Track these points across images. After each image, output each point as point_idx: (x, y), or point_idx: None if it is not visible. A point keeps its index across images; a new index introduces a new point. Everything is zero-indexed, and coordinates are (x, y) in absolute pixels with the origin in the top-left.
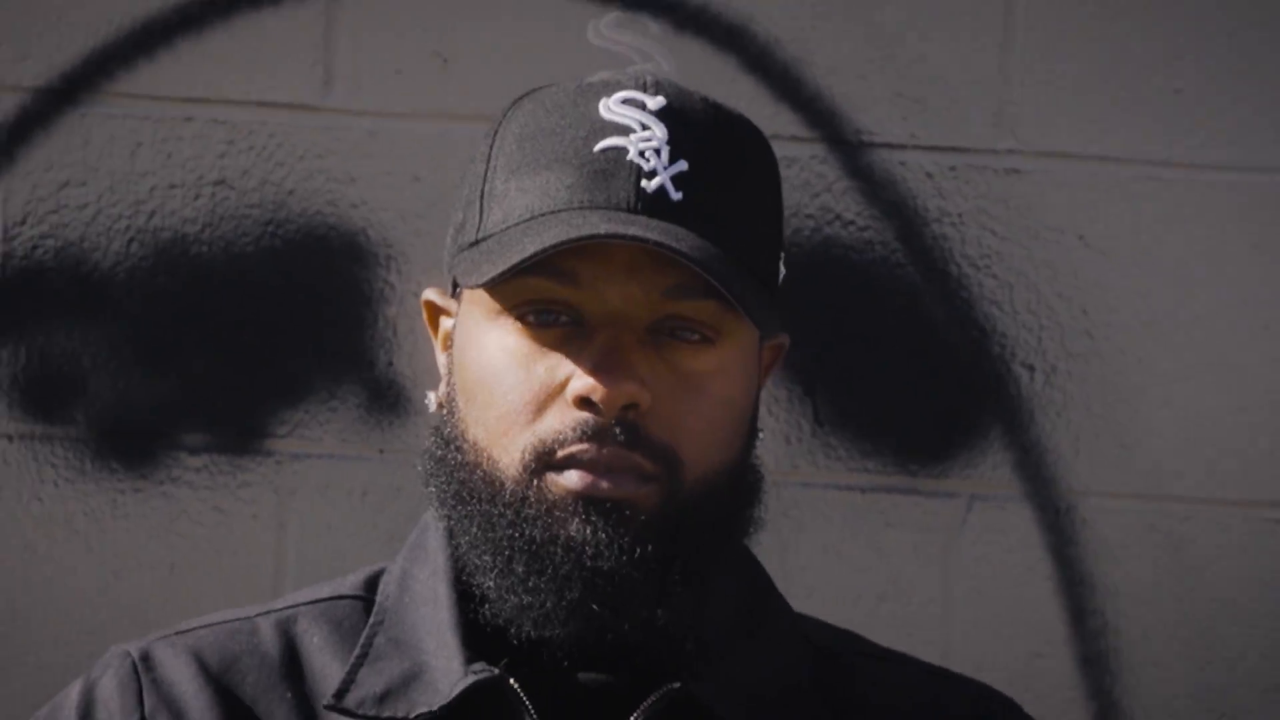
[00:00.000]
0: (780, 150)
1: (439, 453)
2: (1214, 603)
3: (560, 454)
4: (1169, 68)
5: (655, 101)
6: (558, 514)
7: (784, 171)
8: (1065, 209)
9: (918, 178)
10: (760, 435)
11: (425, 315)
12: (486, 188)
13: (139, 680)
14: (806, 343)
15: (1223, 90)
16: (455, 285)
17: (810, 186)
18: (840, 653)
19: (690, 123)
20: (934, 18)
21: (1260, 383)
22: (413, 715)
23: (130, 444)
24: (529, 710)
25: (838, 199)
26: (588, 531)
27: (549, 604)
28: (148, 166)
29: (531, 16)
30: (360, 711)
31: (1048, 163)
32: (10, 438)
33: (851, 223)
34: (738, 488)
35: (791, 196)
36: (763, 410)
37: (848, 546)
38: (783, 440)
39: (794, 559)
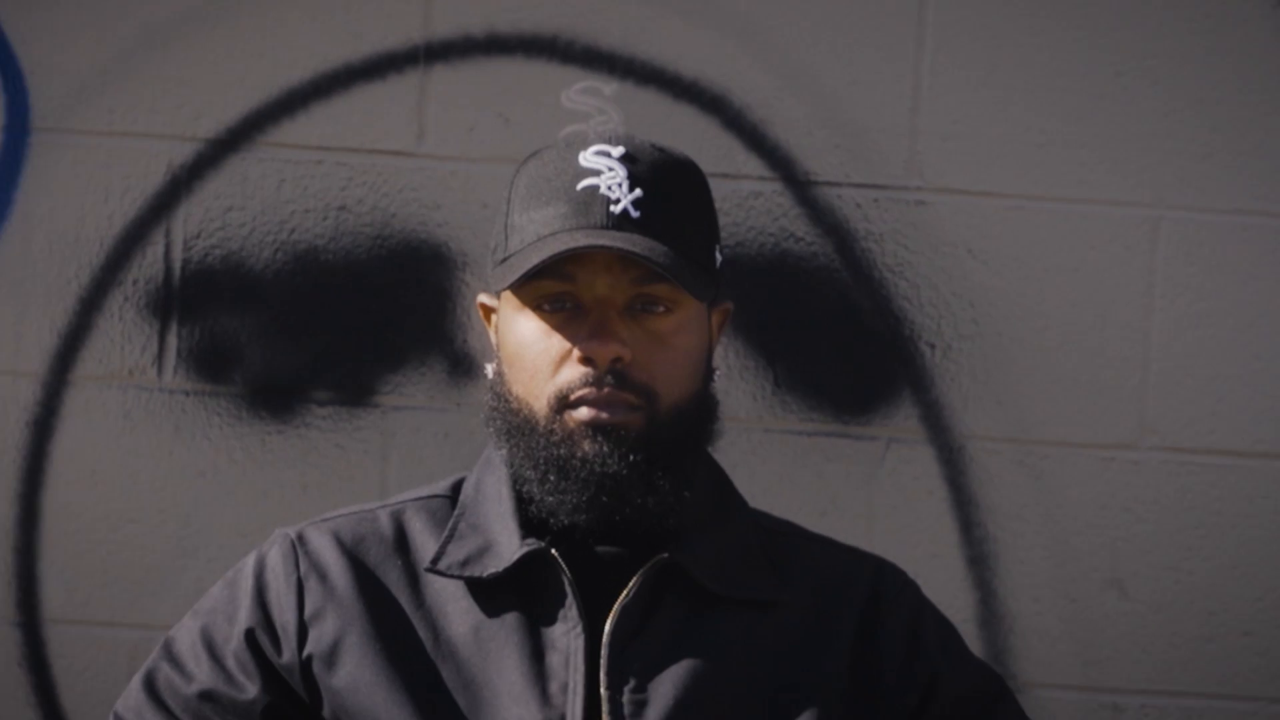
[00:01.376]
0: (749, 186)
1: (494, 404)
2: (1067, 517)
3: (572, 397)
4: (1031, 124)
5: (617, 150)
6: (575, 438)
7: (751, 202)
8: (957, 230)
9: (850, 207)
10: (717, 372)
11: (480, 313)
12: (508, 221)
13: (296, 552)
14: (768, 327)
15: (1072, 139)
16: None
17: (771, 213)
18: (782, 533)
19: (641, 162)
20: (863, 90)
21: (1102, 355)
22: (484, 574)
23: (274, 399)
24: (565, 571)
25: (791, 222)
26: (596, 449)
27: (574, 500)
28: (288, 196)
29: (564, 88)
30: (449, 572)
31: (944, 196)
32: (188, 393)
33: (801, 239)
34: (699, 410)
35: (757, 221)
36: (735, 375)
37: (798, 476)
38: (750, 398)
39: (759, 485)
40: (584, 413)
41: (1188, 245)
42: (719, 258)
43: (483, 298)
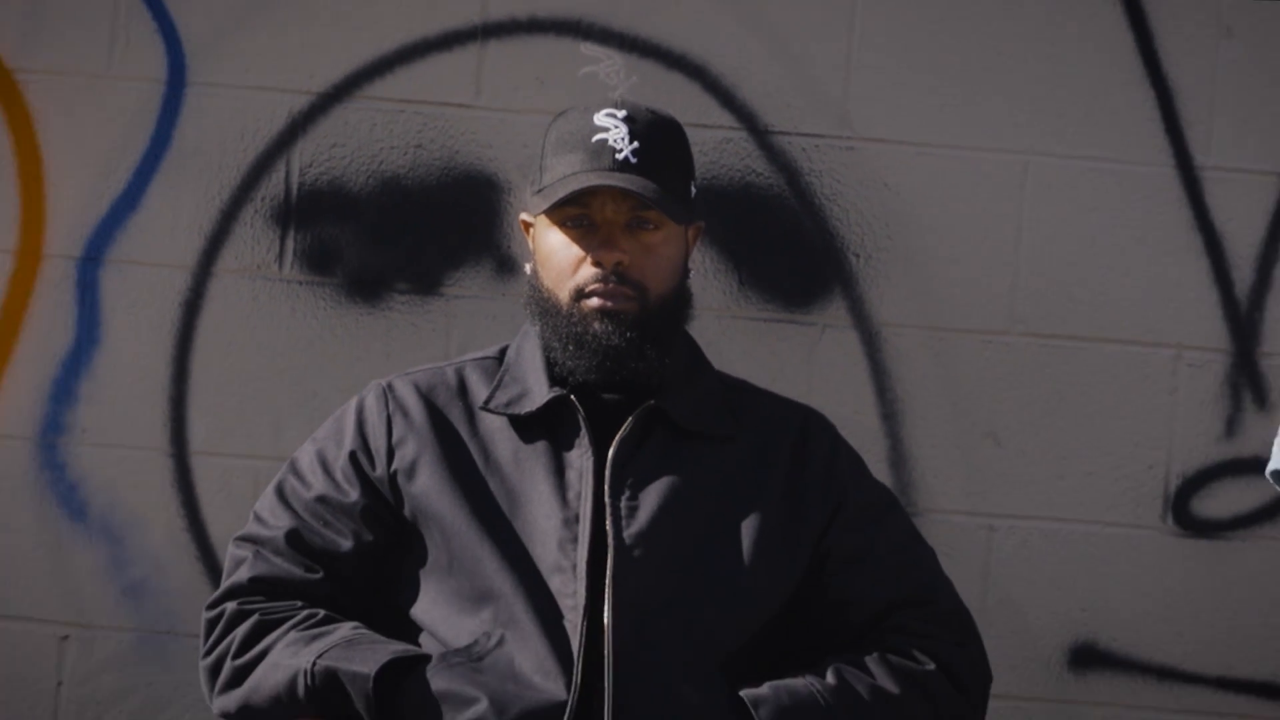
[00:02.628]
0: (722, 134)
1: (530, 293)
2: (956, 386)
3: (587, 289)
4: (933, 89)
5: (621, 114)
6: (588, 320)
7: (724, 147)
8: (877, 168)
9: (796, 150)
10: (691, 272)
11: (521, 227)
12: (542, 162)
13: (386, 396)
14: (735, 241)
15: (963, 100)
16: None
17: (739, 155)
18: (738, 388)
19: (639, 122)
20: (808, 63)
21: (983, 264)
22: (522, 412)
23: (365, 289)
24: (580, 412)
25: (754, 162)
26: (603, 327)
27: (587, 364)
28: (378, 137)
29: (586, 62)
30: (496, 410)
31: (868, 143)
32: (301, 284)
33: (761, 175)
34: (678, 300)
35: (727, 161)
36: (710, 277)
37: (756, 351)
38: (721, 294)
39: (727, 357)
40: (594, 302)
41: (1048, 182)
42: (694, 190)
43: (523, 216)
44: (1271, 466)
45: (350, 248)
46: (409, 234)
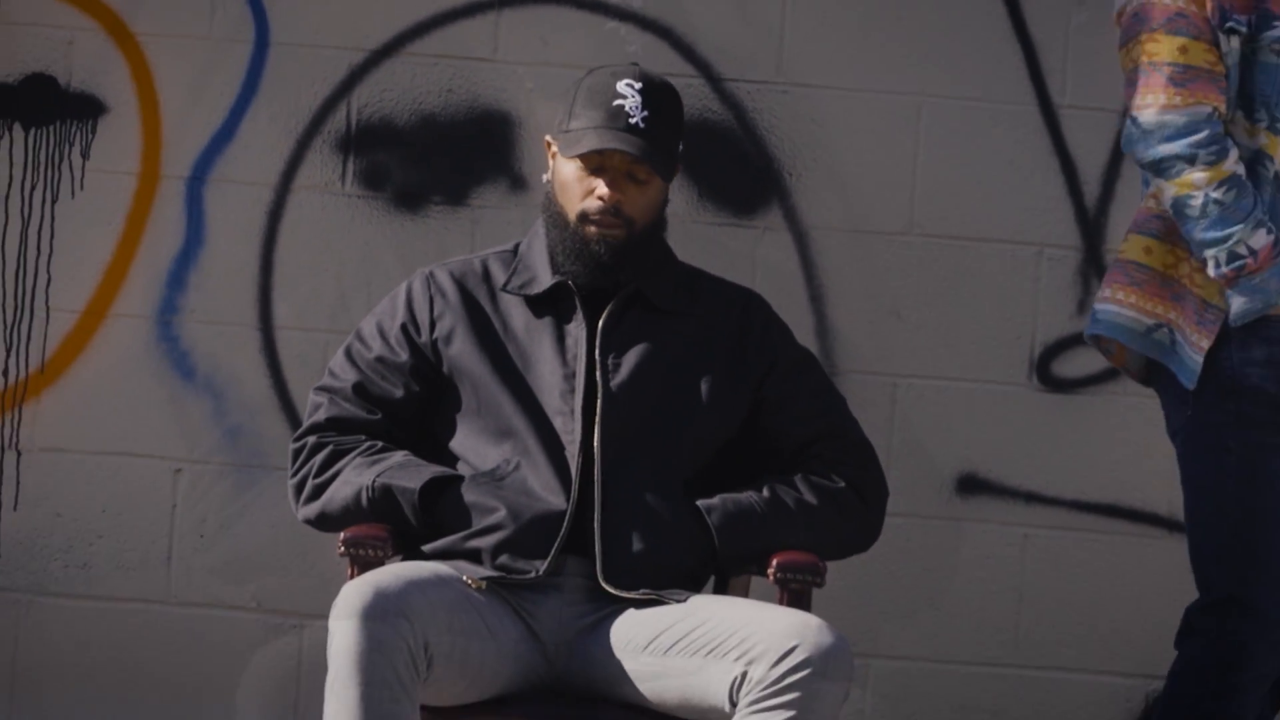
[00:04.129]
0: (685, 81)
1: (545, 203)
2: (870, 275)
3: (590, 216)
4: (847, 42)
5: (637, 85)
6: (587, 240)
7: (686, 90)
8: (806, 107)
9: (743, 93)
10: (669, 201)
11: (545, 145)
12: (573, 108)
13: (429, 281)
14: (696, 163)
15: (871, 50)
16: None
17: (698, 97)
18: (695, 273)
19: (650, 92)
20: (751, 25)
21: (889, 177)
22: (533, 293)
23: (408, 201)
24: (576, 294)
25: (710, 102)
26: (597, 248)
27: (581, 269)
28: (419, 84)
29: (580, 26)
30: (512, 291)
31: (798, 87)
32: (358, 198)
33: (715, 112)
34: (656, 229)
35: (690, 102)
36: (676, 192)
37: (710, 249)
38: (685, 204)
39: (688, 253)
40: (594, 228)
41: (938, 117)
42: (681, 148)
43: (548, 137)
44: (1089, 330)
45: (397, 170)
46: (442, 159)
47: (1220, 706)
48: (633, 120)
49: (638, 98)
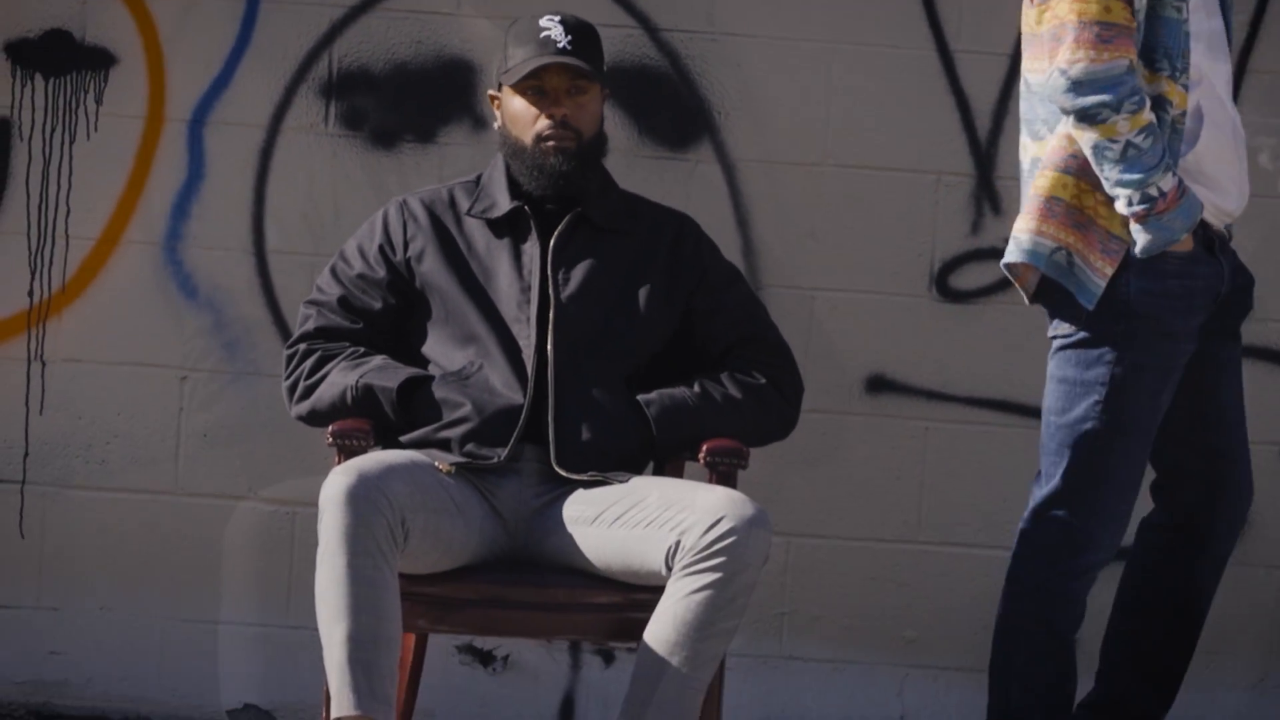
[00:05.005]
0: (627, 32)
1: (503, 141)
2: (788, 203)
3: (544, 134)
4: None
5: (557, 18)
6: (545, 155)
7: (627, 40)
8: (733, 53)
9: (677, 41)
10: (604, 120)
11: (489, 99)
12: (506, 52)
13: (402, 208)
14: (636, 105)
15: (791, 4)
16: (499, 85)
17: (638, 45)
18: (634, 196)
19: (570, 24)
20: None
21: (807, 117)
22: (493, 216)
23: (382, 139)
24: (531, 218)
25: (648, 50)
26: (555, 160)
27: (544, 183)
28: (392, 35)
29: None
30: (475, 215)
31: (726, 36)
32: (339, 136)
33: (652, 59)
34: (599, 141)
35: (631, 49)
36: (620, 128)
37: (650, 180)
38: (627, 139)
39: (630, 182)
40: (550, 143)
41: (849, 61)
42: (605, 68)
43: (491, 92)
44: (1005, 260)
45: (373, 112)
46: (412, 102)
47: (1064, 586)
48: (560, 44)
49: (560, 28)
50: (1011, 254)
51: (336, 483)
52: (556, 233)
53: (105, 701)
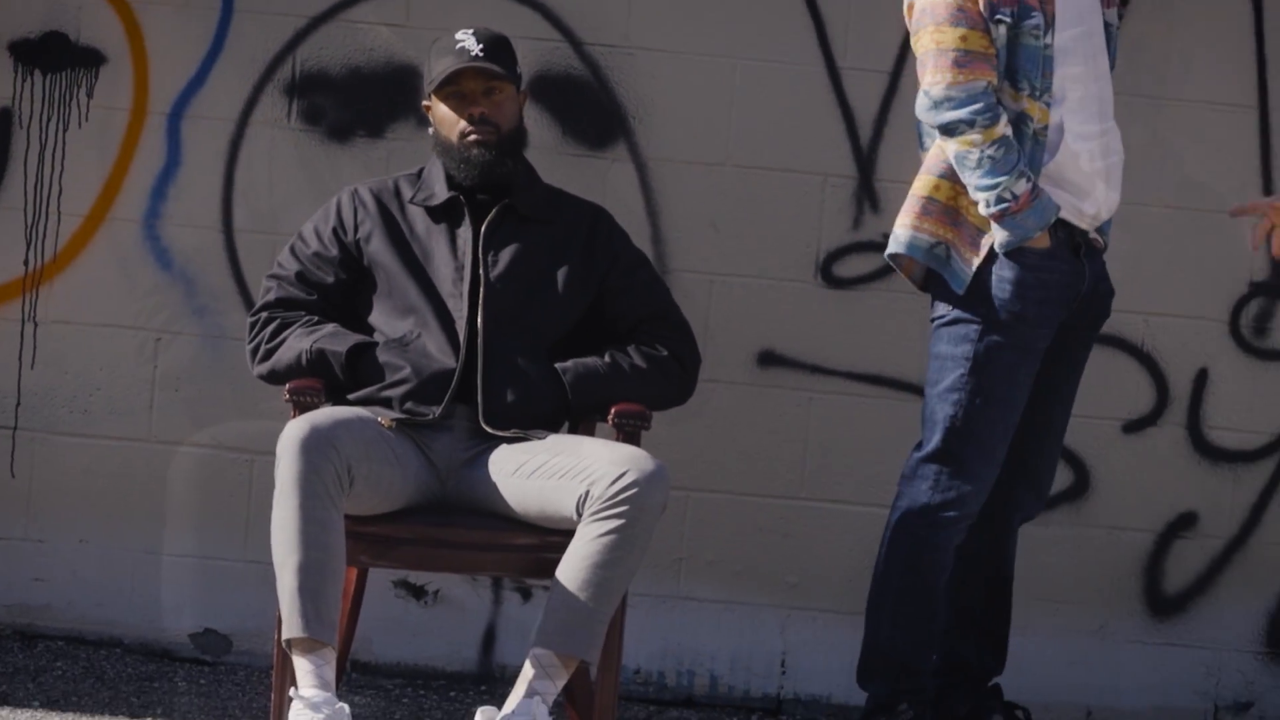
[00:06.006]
0: (553, 45)
1: (435, 142)
2: (662, 195)
3: (466, 132)
4: (672, 12)
5: (471, 31)
6: (470, 149)
7: (553, 51)
8: (647, 65)
9: (598, 54)
10: (524, 118)
11: (424, 109)
12: (430, 65)
13: (354, 195)
14: (558, 109)
15: (695, 17)
16: (429, 95)
17: (563, 56)
18: (555, 189)
19: (482, 33)
20: (606, 4)
21: (717, 119)
22: (432, 204)
23: (340, 134)
24: (465, 206)
25: (571, 61)
26: (479, 152)
27: (471, 173)
28: (348, 43)
29: (474, 3)
30: (417, 203)
31: (641, 50)
32: (301, 131)
33: (575, 68)
34: (519, 135)
35: (556, 60)
36: (545, 130)
37: (570, 178)
38: (552, 139)
39: (554, 177)
40: (472, 137)
41: (749, 75)
42: (521, 75)
43: (425, 103)
44: (888, 252)
45: (330, 109)
46: (366, 101)
47: (935, 536)
48: (473, 53)
49: (473, 39)
50: (893, 246)
51: (291, 434)
52: (487, 220)
53: (83, 624)
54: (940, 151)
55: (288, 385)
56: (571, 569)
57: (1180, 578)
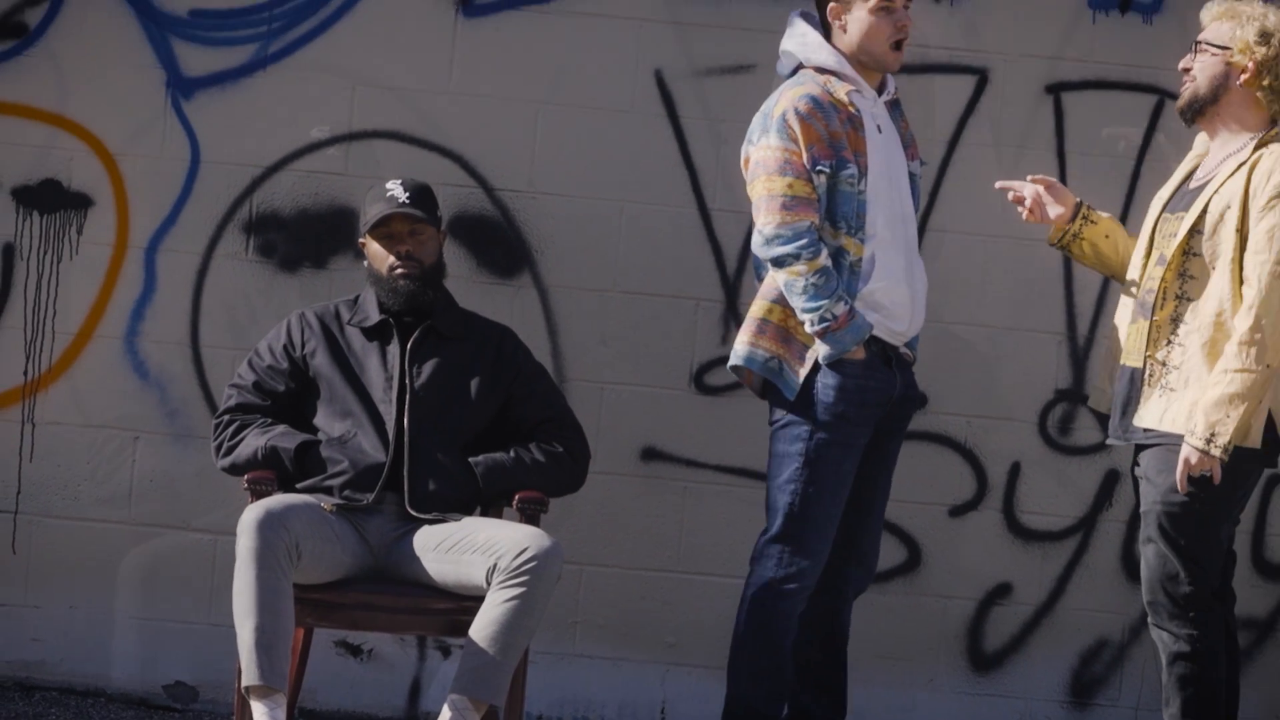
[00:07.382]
0: (468, 191)
1: (369, 274)
2: (590, 315)
3: (393, 267)
4: (580, 159)
5: (399, 181)
6: (397, 282)
7: (470, 196)
8: (547, 207)
9: (506, 197)
10: (443, 254)
11: (360, 245)
12: (365, 210)
13: (301, 318)
14: (475, 245)
15: (602, 162)
16: (363, 235)
17: (478, 201)
18: (471, 314)
19: (409, 183)
20: (514, 151)
21: (608, 259)
22: (366, 325)
23: (289, 265)
24: (394, 328)
25: (485, 204)
26: (405, 284)
27: (397, 301)
28: (297, 188)
29: (403, 154)
30: (354, 325)
31: (543, 195)
32: (256, 262)
33: (487, 209)
34: (439, 268)
35: (471, 203)
36: (462, 261)
37: (485, 301)
38: (467, 270)
39: (469, 302)
40: (399, 271)
41: (637, 218)
42: (441, 218)
43: (361, 240)
44: (730, 364)
45: (282, 244)
46: (311, 237)
47: (780, 604)
48: (401, 199)
49: (400, 188)
50: (734, 359)
51: (249, 516)
52: (412, 339)
53: (73, 677)
54: (773, 280)
55: (246, 476)
56: (482, 628)
57: (997, 638)
